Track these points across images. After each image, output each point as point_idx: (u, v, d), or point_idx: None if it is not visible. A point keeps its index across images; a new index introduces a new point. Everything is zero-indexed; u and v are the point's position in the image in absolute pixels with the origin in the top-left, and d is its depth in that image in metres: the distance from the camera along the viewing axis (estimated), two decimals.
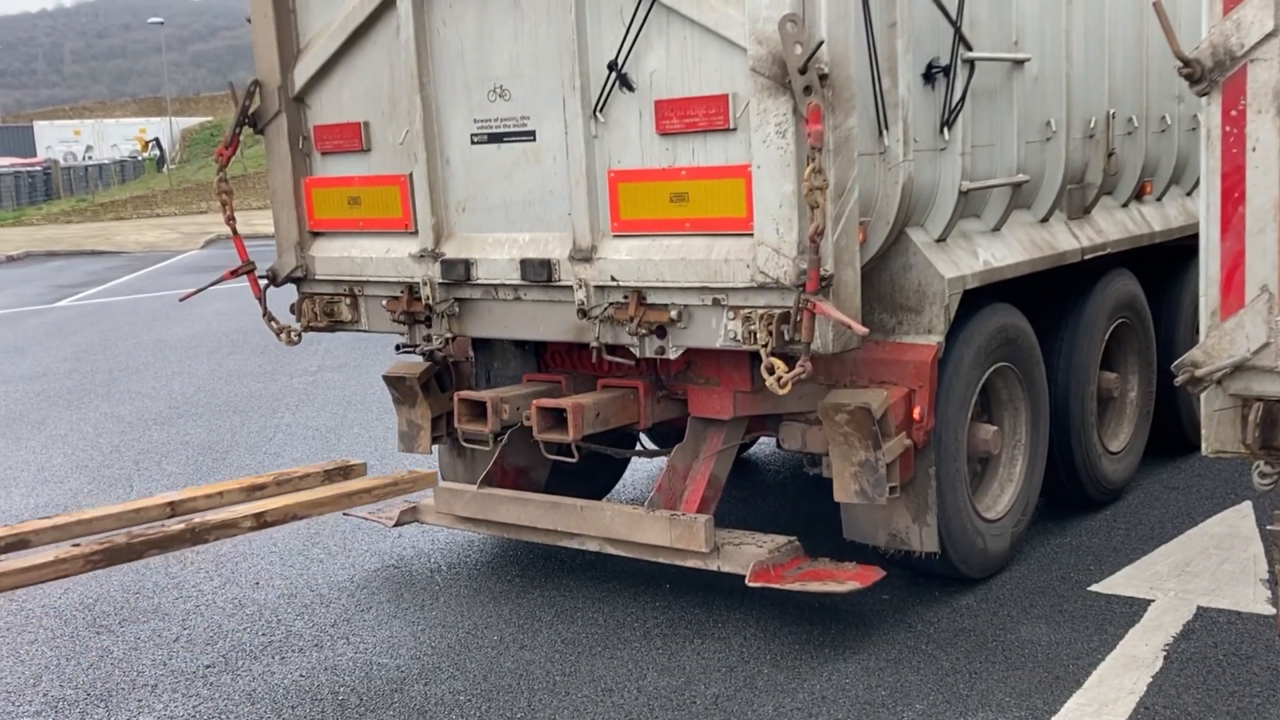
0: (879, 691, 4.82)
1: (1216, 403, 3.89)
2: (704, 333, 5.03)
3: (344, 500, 4.94)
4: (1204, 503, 6.85)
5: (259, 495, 4.68)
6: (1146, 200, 7.19)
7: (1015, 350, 5.91)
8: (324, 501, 4.86)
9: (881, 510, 5.38)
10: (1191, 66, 3.72)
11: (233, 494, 4.64)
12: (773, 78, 4.58)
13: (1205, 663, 4.89)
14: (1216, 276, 3.82)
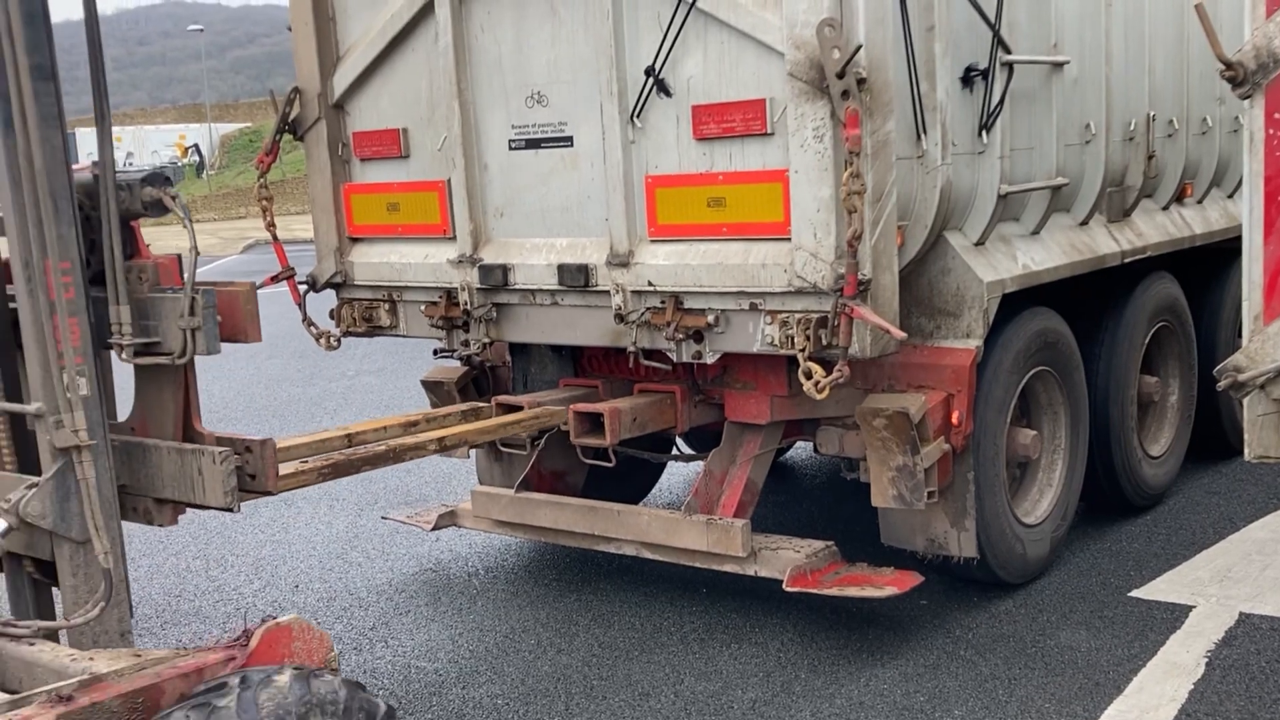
0: (917, 698, 4.80)
1: (1260, 407, 3.85)
2: (741, 337, 5.03)
3: (501, 430, 5.32)
4: (1246, 507, 6.78)
5: (414, 430, 5.13)
6: (1187, 203, 7.13)
7: (1054, 354, 5.88)
8: (489, 430, 5.24)
9: (919, 515, 5.36)
10: (1234, 69, 3.69)
11: (394, 429, 5.08)
12: (810, 82, 4.58)
13: (1248, 669, 4.84)
14: (1260, 281, 3.79)
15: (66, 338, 3.52)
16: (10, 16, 3.43)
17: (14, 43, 3.45)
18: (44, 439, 3.58)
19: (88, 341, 3.58)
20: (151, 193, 3.82)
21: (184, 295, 3.74)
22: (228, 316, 3.90)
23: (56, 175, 3.53)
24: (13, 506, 3.48)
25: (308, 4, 5.98)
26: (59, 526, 3.56)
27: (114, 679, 3.12)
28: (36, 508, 3.51)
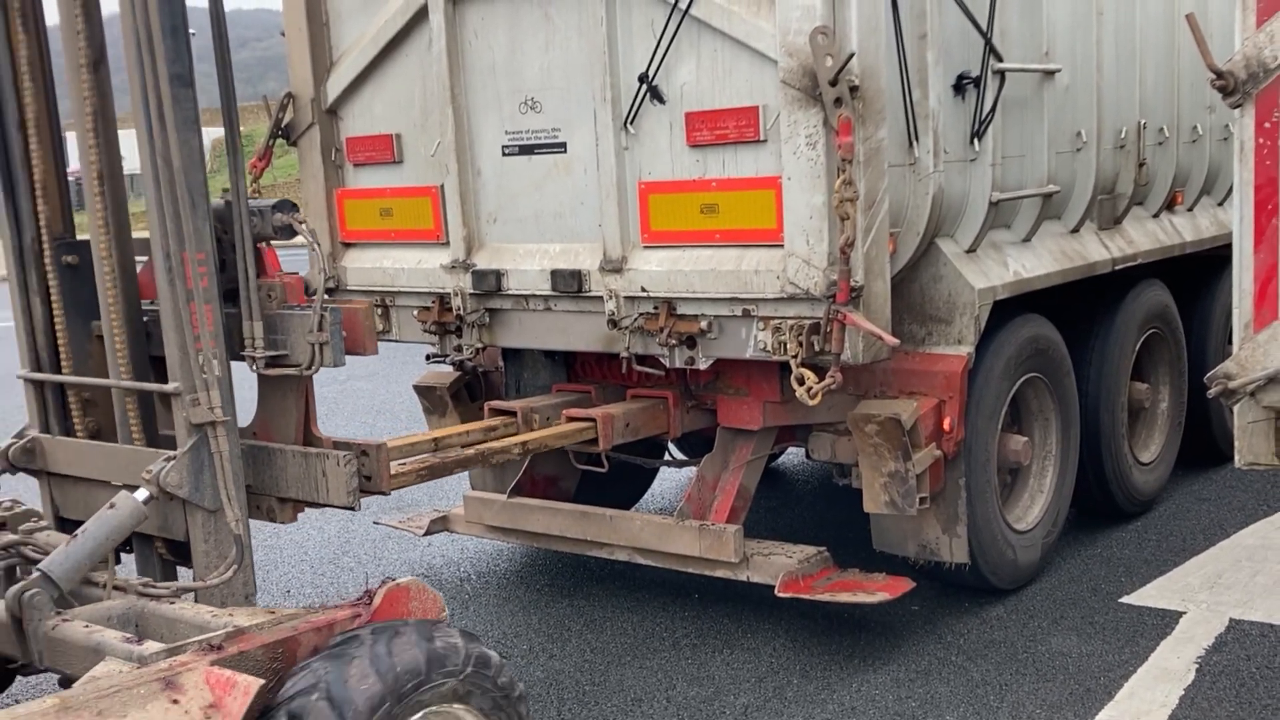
0: (909, 703, 4.81)
1: (1250, 415, 3.88)
2: (734, 343, 5.04)
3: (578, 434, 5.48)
4: (1236, 514, 6.81)
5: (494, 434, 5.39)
6: (1178, 210, 7.16)
7: (1046, 361, 5.90)
8: (567, 434, 5.42)
9: (911, 521, 5.38)
10: (1224, 78, 3.72)
11: (475, 433, 5.33)
12: (803, 90, 4.60)
13: (1238, 675, 4.86)
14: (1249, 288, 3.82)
15: (203, 323, 3.87)
16: (153, 29, 3.78)
17: (155, 53, 3.79)
18: (180, 416, 3.90)
19: (219, 326, 3.93)
20: (281, 218, 4.18)
21: (313, 312, 4.07)
22: (349, 331, 4.21)
23: (194, 174, 3.86)
24: (153, 477, 3.81)
25: (301, 9, 5.99)
26: (193, 496, 3.88)
27: (256, 631, 3.43)
28: (174, 478, 3.83)
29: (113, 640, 3.44)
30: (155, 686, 3.11)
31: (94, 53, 4.21)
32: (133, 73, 3.87)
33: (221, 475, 3.91)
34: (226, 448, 3.92)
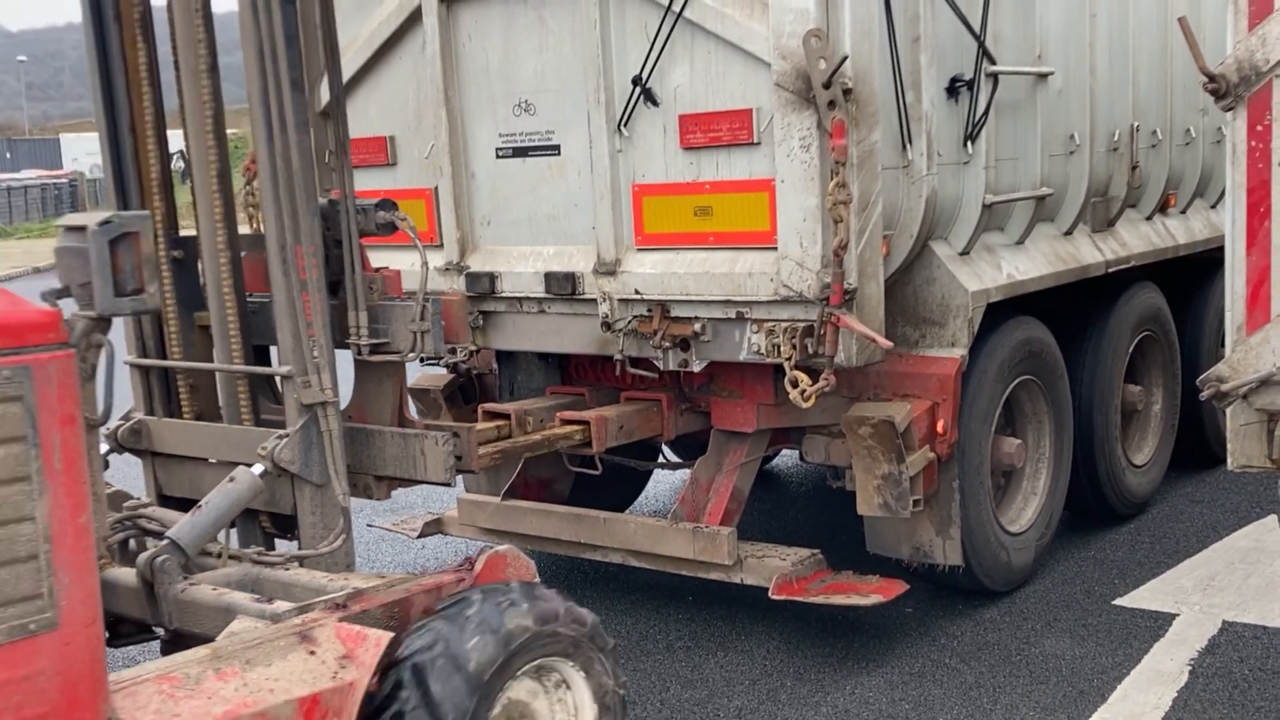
0: (902, 705, 4.82)
1: (1242, 417, 3.89)
2: (728, 346, 5.05)
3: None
4: (1229, 516, 6.82)
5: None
6: (1171, 213, 7.17)
7: (1039, 363, 5.91)
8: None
9: (905, 523, 5.38)
10: (1217, 82, 3.73)
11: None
12: (796, 92, 4.61)
13: (1230, 678, 4.87)
14: (1242, 291, 3.83)
15: (315, 310, 4.16)
16: (276, 38, 4.09)
17: (277, 61, 4.09)
18: (291, 397, 4.16)
19: (327, 314, 4.20)
20: (384, 215, 4.45)
21: (416, 303, 4.34)
22: (446, 321, 4.46)
23: (306, 173, 4.15)
24: (268, 453, 4.08)
25: None
26: (303, 471, 4.16)
27: (374, 592, 3.72)
28: (287, 454, 4.11)
29: (243, 600, 3.70)
30: (293, 640, 3.41)
31: (211, 58, 4.45)
32: (252, 79, 4.13)
33: (330, 452, 4.18)
34: (335, 426, 4.19)
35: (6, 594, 2.77)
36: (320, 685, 3.32)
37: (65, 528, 2.85)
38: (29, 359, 2.79)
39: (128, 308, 3.72)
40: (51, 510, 2.83)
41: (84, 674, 2.90)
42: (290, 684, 3.29)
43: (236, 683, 3.23)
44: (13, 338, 2.77)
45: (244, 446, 4.27)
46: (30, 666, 2.81)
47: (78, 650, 2.89)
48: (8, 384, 2.76)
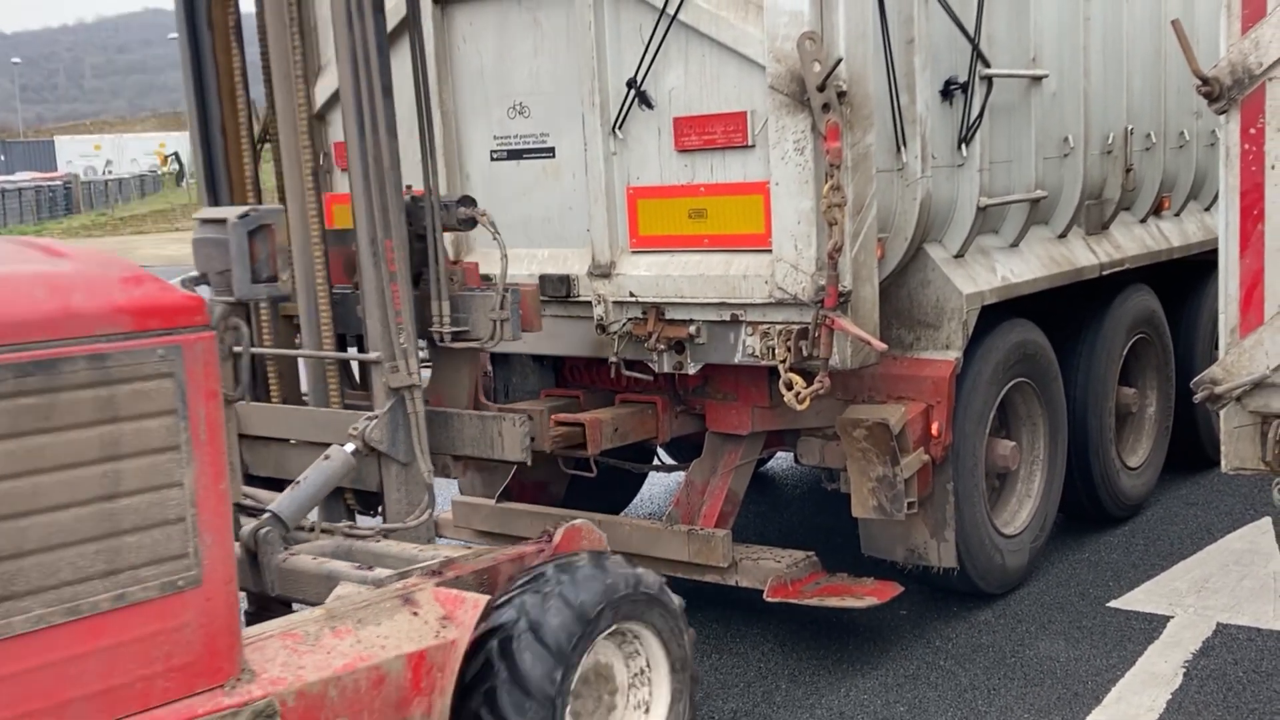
0: (897, 708, 4.82)
1: (1236, 420, 3.89)
2: (722, 348, 5.05)
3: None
4: (1223, 519, 6.83)
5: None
6: (1165, 216, 7.18)
7: (1033, 366, 5.91)
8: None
9: (899, 525, 5.38)
10: (1210, 85, 3.74)
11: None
12: (791, 95, 4.61)
13: (1225, 680, 4.88)
14: (1235, 294, 3.83)
15: (404, 300, 4.43)
16: (368, 47, 4.35)
17: (370, 68, 4.37)
18: (379, 381, 4.43)
19: (411, 304, 4.48)
20: (465, 211, 4.72)
21: (496, 293, 4.61)
22: (523, 310, 4.74)
23: (394, 172, 4.44)
24: (359, 434, 4.34)
25: None
26: (391, 450, 4.41)
27: (464, 561, 4.04)
28: (376, 434, 4.36)
29: (345, 568, 4.01)
30: (396, 602, 3.70)
31: (307, 65, 4.72)
32: (345, 84, 4.39)
33: (415, 432, 4.44)
34: (420, 409, 4.45)
35: (158, 553, 3.02)
36: (425, 643, 3.61)
37: (208, 493, 3.10)
38: (179, 339, 3.04)
39: (263, 293, 4.02)
40: (197, 477, 3.08)
41: (222, 627, 3.16)
42: (399, 641, 3.58)
43: (351, 640, 3.52)
44: (165, 320, 3.03)
45: (331, 428, 4.56)
46: (178, 619, 3.06)
47: (217, 605, 3.14)
48: (161, 361, 3.00)
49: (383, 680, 3.50)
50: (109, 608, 2.93)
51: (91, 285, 2.99)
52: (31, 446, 2.80)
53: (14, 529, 2.78)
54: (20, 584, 2.79)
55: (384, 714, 3.51)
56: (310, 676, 3.34)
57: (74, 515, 2.88)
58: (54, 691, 2.85)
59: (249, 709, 3.17)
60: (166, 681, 3.05)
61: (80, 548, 2.88)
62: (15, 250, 3.19)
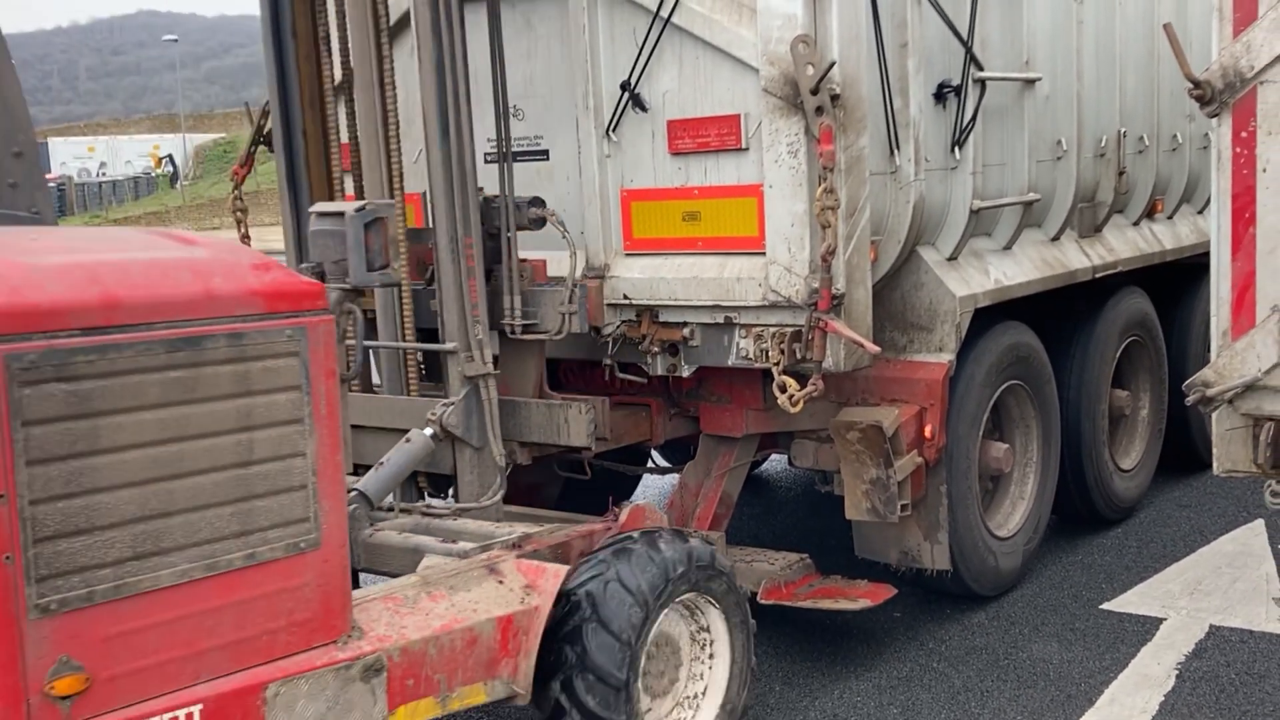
0: (890, 710, 4.82)
1: (1228, 422, 3.90)
2: (716, 351, 5.05)
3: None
4: (1216, 521, 6.84)
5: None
6: (1158, 218, 7.20)
7: (1026, 368, 5.92)
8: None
9: (893, 528, 5.39)
10: (1202, 88, 3.75)
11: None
12: (785, 98, 4.62)
13: (1217, 682, 4.89)
14: (1227, 297, 3.84)
15: (480, 294, 4.70)
16: (454, 53, 4.64)
17: (456, 72, 4.65)
18: (455, 370, 4.69)
19: (485, 298, 4.74)
20: (535, 211, 4.94)
21: (565, 288, 4.86)
22: (589, 305, 5.01)
23: (471, 173, 4.71)
24: (437, 419, 4.61)
25: None
26: (465, 434, 4.67)
27: (541, 536, 4.38)
28: (453, 420, 4.63)
29: (430, 542, 4.27)
30: (482, 572, 4.00)
31: (384, 73, 4.99)
32: (428, 88, 4.65)
33: (490, 418, 4.69)
34: (493, 396, 4.71)
35: (284, 516, 3.26)
36: (512, 608, 3.89)
37: (327, 464, 3.35)
38: (304, 321, 3.29)
39: (377, 280, 4.24)
40: (317, 448, 3.32)
41: (336, 587, 3.41)
42: (489, 606, 3.86)
43: (445, 604, 3.81)
44: (292, 303, 3.27)
45: (408, 415, 4.84)
46: (300, 579, 3.31)
47: (333, 566, 3.40)
48: (289, 341, 3.25)
49: (475, 641, 3.77)
50: (241, 565, 3.18)
51: (228, 270, 3.22)
52: (179, 416, 3.04)
53: (163, 490, 3.02)
54: (167, 541, 3.04)
55: (475, 672, 3.78)
56: (412, 635, 3.61)
57: (213, 480, 3.12)
58: (195, 640, 3.10)
59: (360, 663, 3.43)
60: (288, 635, 3.29)
61: (218, 509, 3.13)
62: (151, 239, 3.40)
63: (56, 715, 2.87)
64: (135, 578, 2.98)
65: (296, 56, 5.11)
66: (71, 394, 2.84)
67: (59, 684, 2.86)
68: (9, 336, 2.76)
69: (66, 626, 2.87)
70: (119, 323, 2.93)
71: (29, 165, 4.67)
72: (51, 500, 2.83)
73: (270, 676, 3.23)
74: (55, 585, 2.84)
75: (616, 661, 3.89)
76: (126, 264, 3.07)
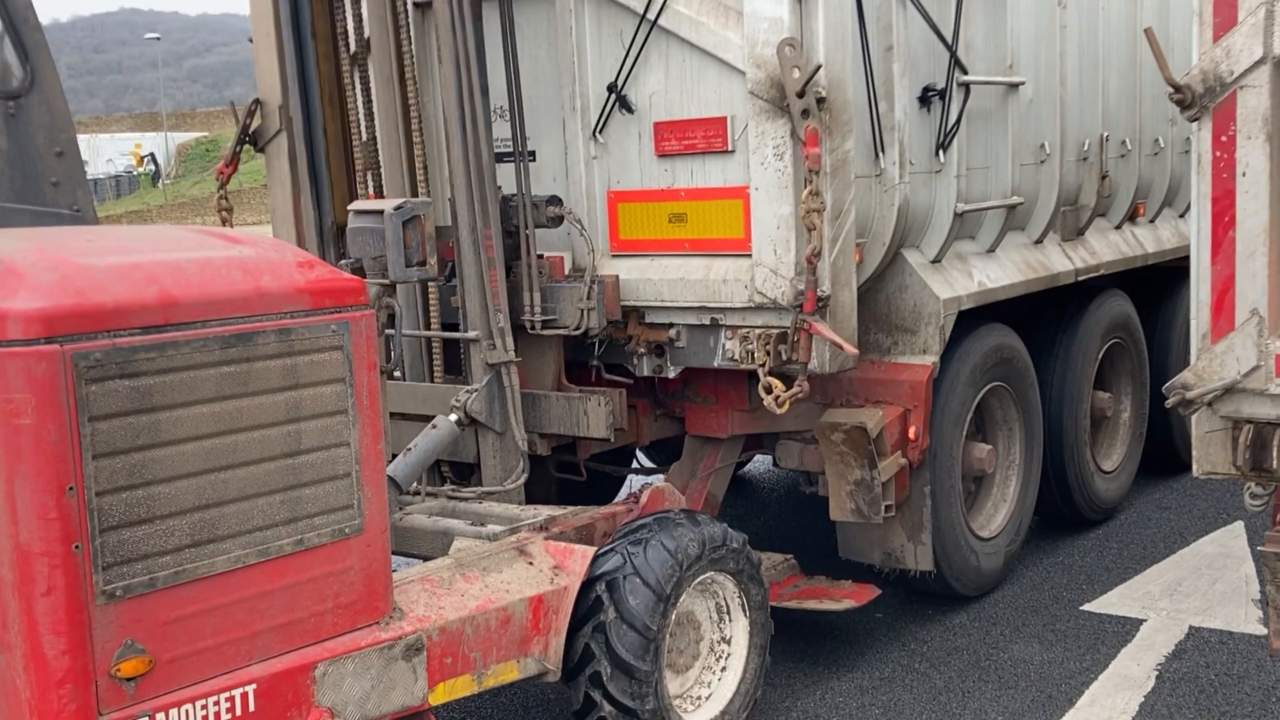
0: (872, 710, 4.85)
1: (1207, 425, 3.92)
2: (702, 352, 5.07)
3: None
4: (1196, 522, 6.89)
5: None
6: (1140, 222, 7.25)
7: (1009, 370, 5.96)
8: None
9: (877, 529, 5.41)
10: (1182, 92, 3.77)
11: None
12: (771, 101, 4.64)
13: (1197, 682, 4.92)
14: (1207, 300, 3.87)
15: (501, 284, 4.83)
16: (470, 51, 4.79)
17: (470, 70, 4.78)
18: (478, 358, 4.84)
19: (505, 288, 4.87)
20: (553, 210, 5.04)
21: (584, 284, 4.99)
22: (606, 300, 5.06)
23: (490, 166, 4.85)
24: (461, 405, 4.76)
25: (270, 15, 5.95)
26: (489, 420, 4.82)
27: (566, 518, 4.53)
28: (477, 406, 4.77)
29: (460, 525, 4.43)
30: (513, 553, 4.17)
31: (400, 69, 5.11)
32: (449, 86, 4.80)
33: (512, 404, 4.84)
34: (515, 383, 4.85)
35: (330, 504, 3.40)
36: (543, 588, 4.07)
37: (369, 452, 3.48)
38: (346, 316, 3.42)
39: (414, 275, 4.36)
40: (360, 438, 3.45)
41: (378, 571, 3.55)
42: (521, 586, 4.03)
43: (479, 585, 3.96)
44: (336, 299, 3.40)
45: (430, 401, 5.01)
46: (344, 563, 3.45)
47: (375, 551, 3.53)
48: (333, 336, 3.38)
49: (509, 620, 3.94)
50: (290, 551, 3.32)
51: (275, 268, 3.34)
52: (232, 409, 3.17)
53: (218, 480, 3.16)
54: (222, 528, 3.17)
55: (509, 650, 3.95)
56: (450, 615, 3.77)
57: (264, 470, 3.25)
58: (248, 623, 3.24)
59: (403, 642, 3.58)
60: (335, 618, 3.44)
61: (269, 498, 3.26)
62: (199, 238, 3.49)
63: (122, 696, 3.00)
64: (193, 564, 3.12)
65: (317, 55, 5.23)
66: (134, 390, 2.98)
67: (124, 666, 2.99)
68: (76, 336, 2.88)
69: (130, 611, 3.00)
70: (177, 321, 3.06)
71: (70, 163, 4.74)
72: (116, 491, 2.96)
73: (319, 657, 3.38)
74: (120, 572, 2.98)
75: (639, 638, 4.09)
76: (181, 264, 3.18)
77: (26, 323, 2.83)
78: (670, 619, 4.23)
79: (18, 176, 4.60)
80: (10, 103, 4.56)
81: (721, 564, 4.43)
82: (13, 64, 4.65)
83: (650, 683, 4.13)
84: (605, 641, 4.09)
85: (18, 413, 2.83)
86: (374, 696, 3.51)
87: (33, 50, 4.64)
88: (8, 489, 2.86)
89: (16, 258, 3.01)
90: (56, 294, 2.90)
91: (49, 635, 2.90)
